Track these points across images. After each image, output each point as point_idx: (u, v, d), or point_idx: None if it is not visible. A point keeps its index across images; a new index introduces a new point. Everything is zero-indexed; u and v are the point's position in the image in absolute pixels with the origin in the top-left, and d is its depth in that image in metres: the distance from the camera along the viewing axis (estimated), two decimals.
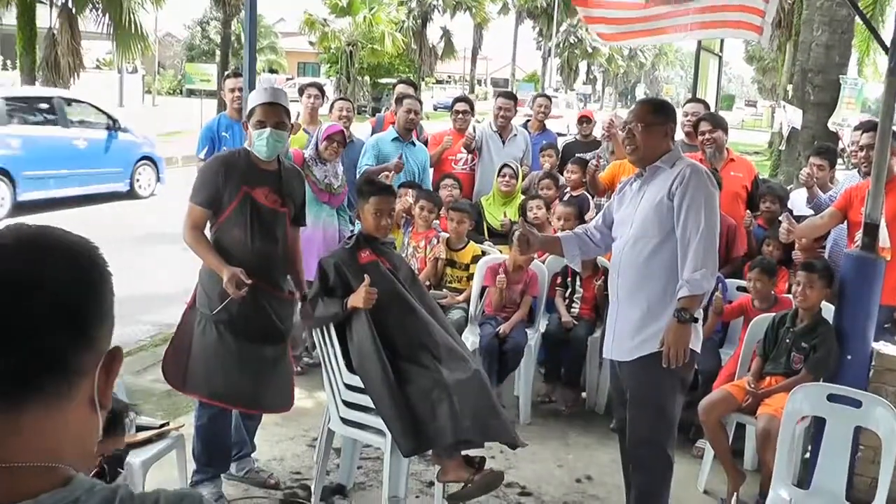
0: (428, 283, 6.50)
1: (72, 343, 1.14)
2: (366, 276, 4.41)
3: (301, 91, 8.12)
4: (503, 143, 8.18)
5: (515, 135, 8.32)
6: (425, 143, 8.08)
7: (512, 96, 8.64)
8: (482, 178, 8.04)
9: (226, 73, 8.27)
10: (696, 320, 4.14)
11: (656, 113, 4.33)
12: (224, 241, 4.47)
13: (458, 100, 8.75)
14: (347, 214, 7.00)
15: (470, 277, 6.60)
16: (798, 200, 7.10)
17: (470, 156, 8.14)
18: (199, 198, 4.47)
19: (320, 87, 8.17)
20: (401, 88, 8.74)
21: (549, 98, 9.76)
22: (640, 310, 4.22)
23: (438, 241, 6.70)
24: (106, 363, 1.19)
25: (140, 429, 4.14)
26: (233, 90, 7.51)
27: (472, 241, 6.83)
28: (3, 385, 1.09)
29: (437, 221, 7.00)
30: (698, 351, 4.28)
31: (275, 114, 4.52)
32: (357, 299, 4.40)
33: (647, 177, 4.30)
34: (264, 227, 4.50)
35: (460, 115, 8.33)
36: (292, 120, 5.13)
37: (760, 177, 7.53)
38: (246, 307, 4.39)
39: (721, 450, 5.10)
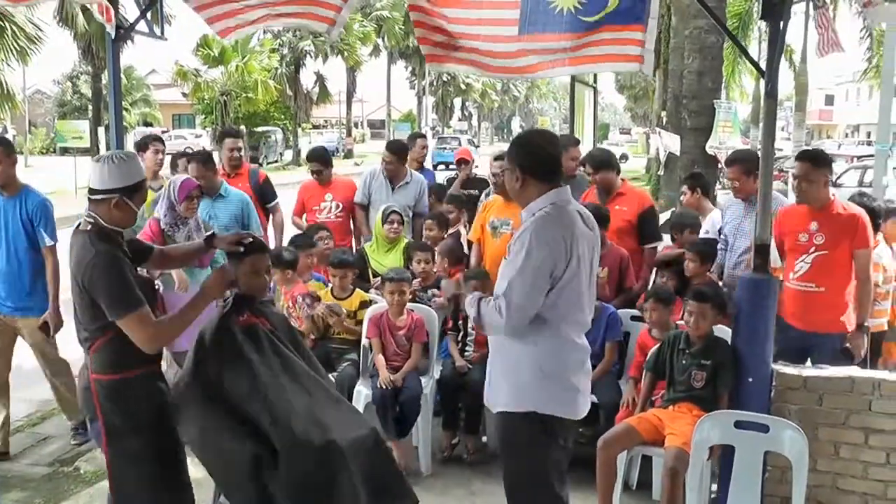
0: (312, 336, 6.22)
1: None
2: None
3: (144, 146, 7.57)
4: (392, 189, 7.97)
5: (408, 182, 8.05)
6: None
7: (400, 148, 8.33)
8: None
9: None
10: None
11: (510, 154, 3.98)
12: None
13: (310, 158, 8.42)
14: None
15: (359, 323, 6.34)
16: None
17: (335, 203, 7.97)
18: (134, 300, 3.74)
19: (162, 140, 7.90)
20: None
21: (424, 137, 9.69)
22: (501, 363, 4.00)
23: (313, 301, 6.28)
24: None
25: None
26: None
27: (357, 289, 6.58)
28: None
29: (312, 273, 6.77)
30: (560, 416, 3.92)
31: None
32: None
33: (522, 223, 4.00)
34: (152, 305, 3.95)
35: (316, 175, 8.16)
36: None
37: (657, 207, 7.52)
38: (158, 408, 3.93)
39: (605, 487, 4.98)
